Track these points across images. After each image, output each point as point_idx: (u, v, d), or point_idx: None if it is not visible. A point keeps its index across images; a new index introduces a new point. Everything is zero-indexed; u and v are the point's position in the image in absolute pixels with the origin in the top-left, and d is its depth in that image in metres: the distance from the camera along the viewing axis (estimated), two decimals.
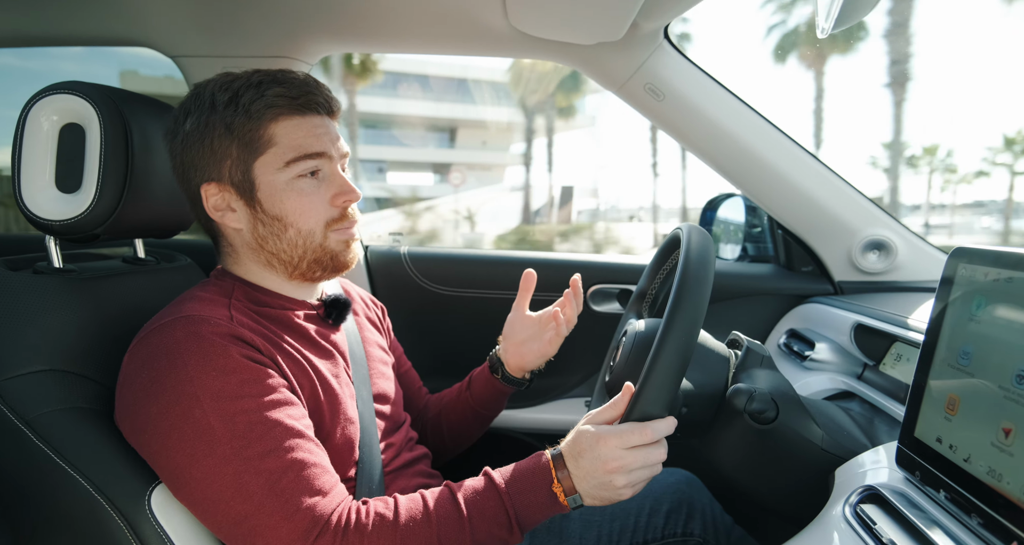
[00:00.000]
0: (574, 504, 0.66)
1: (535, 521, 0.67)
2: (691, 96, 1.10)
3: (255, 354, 0.67)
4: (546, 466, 0.67)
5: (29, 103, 0.77)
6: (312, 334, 0.79)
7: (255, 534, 0.60)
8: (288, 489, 0.61)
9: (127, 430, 0.67)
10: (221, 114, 0.71)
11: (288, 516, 0.60)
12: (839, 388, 0.99)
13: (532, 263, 1.39)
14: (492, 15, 1.03)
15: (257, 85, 0.72)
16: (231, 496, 0.60)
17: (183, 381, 0.62)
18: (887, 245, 1.15)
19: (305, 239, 0.74)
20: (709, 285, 0.67)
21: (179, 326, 0.66)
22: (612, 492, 0.66)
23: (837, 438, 0.73)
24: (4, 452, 0.68)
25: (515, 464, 0.70)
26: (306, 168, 0.73)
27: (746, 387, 0.71)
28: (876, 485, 0.60)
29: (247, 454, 0.61)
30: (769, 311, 1.28)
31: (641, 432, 0.65)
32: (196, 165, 0.73)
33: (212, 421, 0.61)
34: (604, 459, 0.65)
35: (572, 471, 0.66)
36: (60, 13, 1.10)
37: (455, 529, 0.64)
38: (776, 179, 1.14)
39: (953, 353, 0.55)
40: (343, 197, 0.75)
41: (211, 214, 0.75)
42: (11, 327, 0.72)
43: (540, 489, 0.66)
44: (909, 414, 0.59)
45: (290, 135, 0.72)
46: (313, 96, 0.73)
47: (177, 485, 0.63)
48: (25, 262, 0.81)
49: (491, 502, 0.66)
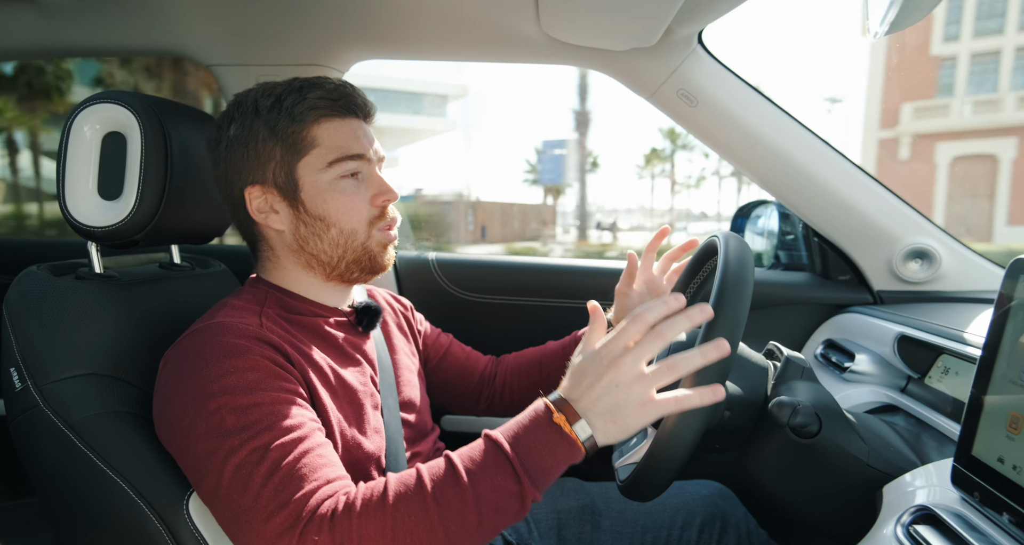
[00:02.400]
0: (584, 434, 0.57)
1: (544, 466, 0.57)
2: (725, 102, 1.08)
3: (278, 357, 0.68)
4: (542, 404, 0.60)
5: (73, 112, 0.79)
6: (341, 343, 0.79)
7: (249, 528, 0.57)
8: (286, 479, 0.58)
9: (159, 432, 0.68)
10: (265, 118, 0.73)
11: (282, 505, 0.57)
12: (882, 401, 0.96)
13: (561, 270, 1.39)
14: (524, 22, 1.03)
15: (299, 90, 0.74)
16: (237, 488, 0.58)
17: (203, 380, 0.63)
18: (930, 254, 1.11)
19: (347, 238, 0.75)
20: (750, 291, 0.66)
21: (208, 331, 0.67)
22: (625, 403, 0.56)
23: (884, 454, 0.70)
24: (49, 454, 0.69)
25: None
26: (347, 169, 0.74)
27: (789, 400, 0.69)
28: (930, 505, 0.57)
29: (253, 445, 0.60)
30: (804, 321, 1.24)
31: (635, 322, 0.57)
32: (240, 169, 0.75)
33: (224, 415, 0.61)
34: (602, 362, 0.57)
35: (572, 397, 0.58)
36: (102, 24, 1.14)
37: (451, 486, 0.56)
38: (813, 186, 1.11)
39: (1015, 369, 0.53)
40: (383, 197, 0.76)
41: (255, 216, 0.76)
42: (55, 331, 0.73)
43: (540, 425, 0.58)
44: (965, 432, 0.57)
45: (332, 136, 0.74)
46: (352, 99, 0.75)
47: (198, 481, 0.63)
48: (67, 268, 0.83)
49: (489, 452, 0.58)
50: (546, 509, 0.98)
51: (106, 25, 1.14)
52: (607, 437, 0.58)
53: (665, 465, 0.63)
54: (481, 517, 0.56)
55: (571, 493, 1.00)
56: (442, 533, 0.55)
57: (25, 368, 0.71)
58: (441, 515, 0.56)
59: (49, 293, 0.76)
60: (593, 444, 0.58)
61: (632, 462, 0.78)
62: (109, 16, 1.12)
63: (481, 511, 0.56)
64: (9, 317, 0.75)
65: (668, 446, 0.62)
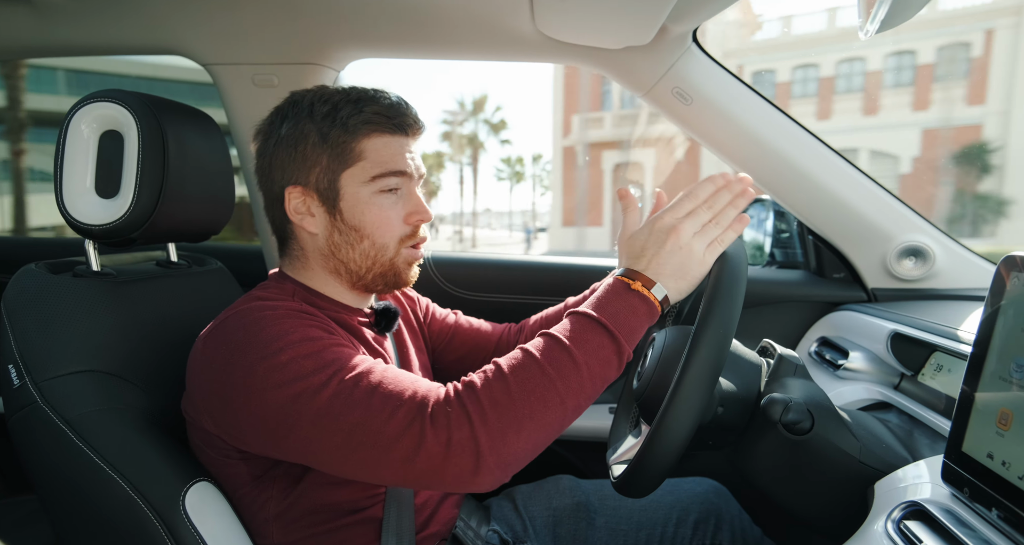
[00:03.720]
0: (660, 295, 0.66)
1: (631, 327, 0.65)
2: (719, 100, 1.09)
3: (326, 325, 0.70)
4: (617, 280, 0.68)
5: (71, 111, 0.79)
6: (368, 339, 0.81)
7: (373, 433, 0.59)
8: (390, 390, 0.61)
9: (214, 410, 0.67)
10: (318, 124, 0.74)
11: (399, 404, 0.60)
12: (875, 398, 0.96)
13: (556, 268, 1.39)
14: (519, 20, 1.03)
15: (356, 101, 0.75)
16: (340, 410, 0.60)
17: (265, 341, 0.64)
18: (924, 252, 1.11)
19: (378, 252, 0.77)
20: (743, 288, 0.66)
21: (253, 309, 0.68)
22: (688, 258, 0.66)
23: (876, 450, 0.71)
24: (47, 450, 0.69)
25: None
26: (388, 185, 0.75)
27: (781, 397, 0.69)
28: (920, 501, 0.58)
29: (341, 375, 0.62)
30: (799, 318, 1.25)
31: (688, 197, 0.68)
32: (285, 167, 0.76)
33: (301, 361, 0.62)
34: (667, 238, 0.67)
35: (641, 267, 0.67)
36: (97, 24, 1.13)
37: (558, 351, 0.62)
38: (807, 183, 1.11)
39: (1005, 365, 0.53)
40: (417, 216, 0.78)
41: (291, 216, 0.76)
42: (53, 328, 0.74)
43: (620, 295, 0.66)
44: (956, 428, 0.57)
45: (380, 152, 0.75)
46: (405, 118, 0.77)
47: (287, 431, 0.62)
48: (65, 265, 0.83)
49: (582, 321, 0.65)
50: (541, 507, 0.98)
51: (101, 24, 1.14)
52: (679, 293, 0.68)
53: (659, 461, 0.64)
54: (591, 372, 0.62)
55: (566, 491, 1.01)
56: (560, 389, 0.61)
57: (23, 365, 0.71)
58: (555, 374, 0.61)
59: (47, 290, 0.76)
60: (667, 301, 0.67)
61: (626, 460, 0.78)
62: (105, 15, 1.12)
63: (590, 367, 0.62)
64: (7, 314, 0.75)
65: (662, 442, 0.63)
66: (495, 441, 0.58)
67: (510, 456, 0.59)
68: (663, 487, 0.96)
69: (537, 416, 0.59)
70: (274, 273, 0.83)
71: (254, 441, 0.66)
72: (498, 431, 0.58)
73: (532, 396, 0.59)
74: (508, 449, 0.58)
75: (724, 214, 0.69)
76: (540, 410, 0.59)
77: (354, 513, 0.75)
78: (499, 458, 0.58)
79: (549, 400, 0.60)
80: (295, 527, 0.74)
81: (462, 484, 0.59)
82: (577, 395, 0.61)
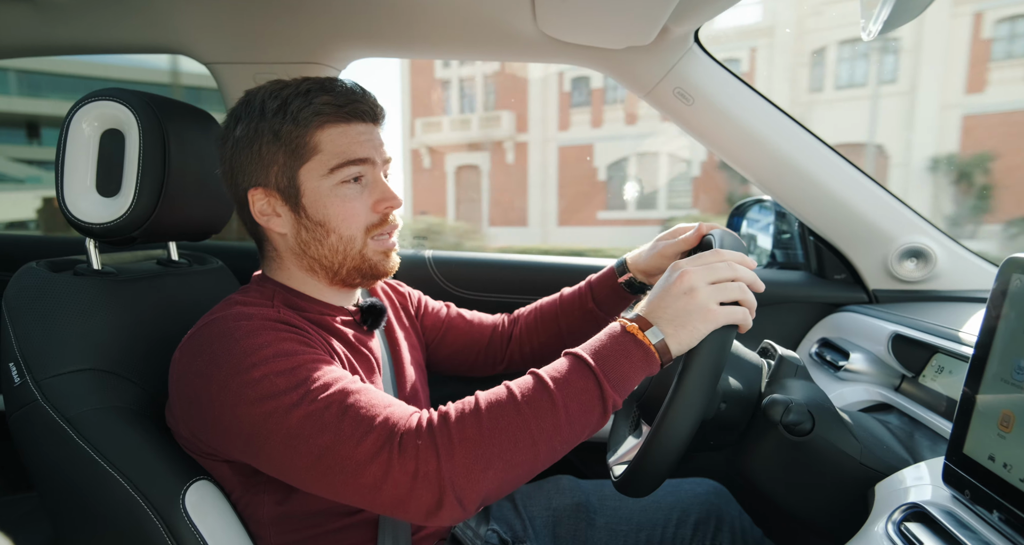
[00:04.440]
0: (655, 339, 0.62)
1: (622, 372, 0.61)
2: (721, 100, 1.09)
3: (303, 336, 0.69)
4: (616, 323, 0.65)
5: (72, 110, 0.79)
6: (351, 339, 0.80)
7: (342, 458, 0.58)
8: (362, 412, 0.60)
9: (191, 420, 0.67)
10: (270, 121, 0.72)
11: (368, 430, 0.58)
12: (875, 400, 0.96)
13: (557, 268, 1.39)
14: (521, 20, 1.03)
15: (305, 93, 0.73)
16: (310, 433, 0.59)
17: (239, 355, 0.63)
18: (926, 253, 1.11)
19: (346, 245, 0.75)
20: None
21: (230, 317, 0.68)
22: (693, 306, 0.62)
23: (876, 452, 0.71)
24: (47, 449, 0.69)
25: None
26: (349, 174, 0.73)
27: (782, 398, 0.69)
28: (921, 502, 0.58)
29: (313, 395, 0.60)
30: (799, 319, 1.25)
31: (715, 253, 0.65)
32: (244, 170, 0.75)
33: (273, 378, 0.61)
34: (675, 280, 0.64)
35: (644, 312, 0.64)
36: (100, 22, 1.14)
37: (538, 391, 0.60)
38: (809, 184, 1.11)
39: (1007, 367, 0.53)
40: (385, 203, 0.76)
41: (257, 219, 0.76)
42: (54, 327, 0.74)
43: (614, 337, 0.62)
44: (957, 430, 0.57)
45: (335, 142, 0.73)
46: (359, 104, 0.74)
47: (257, 448, 0.62)
48: (66, 264, 0.83)
49: (570, 363, 0.62)
50: (541, 507, 0.98)
51: (104, 23, 1.14)
52: (679, 343, 0.62)
53: (660, 460, 0.64)
54: (568, 416, 0.59)
55: (566, 491, 1.00)
56: (533, 430, 0.58)
57: (24, 363, 0.71)
58: (531, 414, 0.59)
59: (48, 289, 0.76)
60: (666, 349, 0.62)
61: (627, 461, 0.78)
62: (107, 14, 1.12)
63: (568, 412, 0.59)
64: (8, 313, 0.75)
65: (663, 441, 0.63)
66: (459, 478, 0.56)
67: (474, 493, 0.57)
68: (663, 488, 0.96)
69: (507, 455, 0.57)
70: (257, 275, 0.82)
71: (230, 452, 0.66)
72: (463, 468, 0.56)
73: (503, 434, 0.58)
74: (472, 487, 0.57)
75: (744, 273, 0.65)
76: (510, 449, 0.58)
77: (350, 515, 0.75)
78: (462, 495, 0.57)
79: (520, 440, 0.58)
80: (291, 529, 0.73)
81: (424, 517, 0.58)
82: (551, 438, 0.59)
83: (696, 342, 0.63)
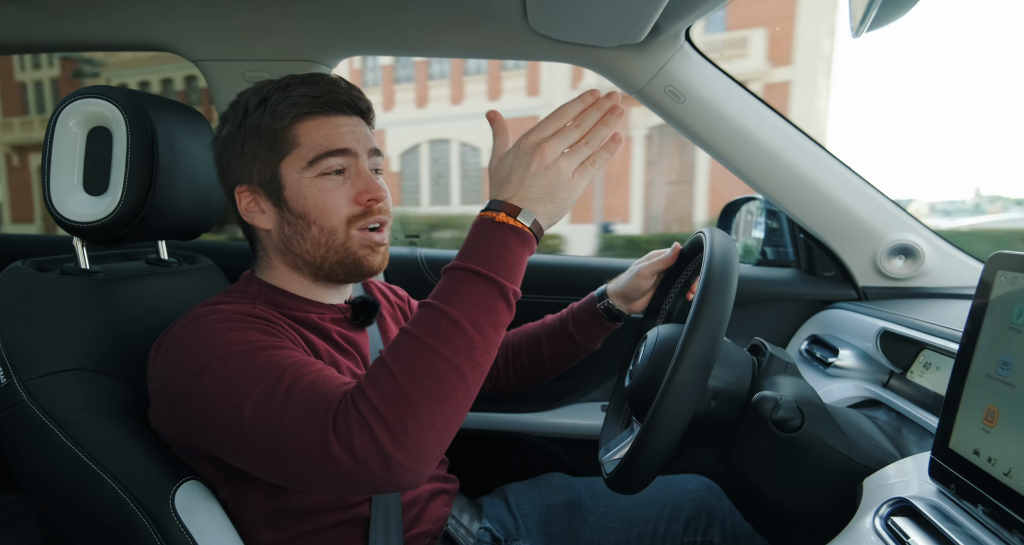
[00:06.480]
0: (528, 220, 0.60)
1: (507, 263, 0.59)
2: (712, 99, 1.09)
3: (276, 330, 0.68)
4: (479, 217, 0.62)
5: (58, 107, 0.79)
6: (335, 336, 0.79)
7: (288, 444, 0.57)
8: (303, 394, 0.58)
9: (168, 415, 0.67)
10: (252, 118, 0.73)
11: (308, 412, 0.57)
12: (864, 396, 0.97)
13: (551, 266, 1.39)
14: (512, 18, 1.03)
15: (284, 87, 0.73)
16: (260, 419, 0.58)
17: (206, 347, 0.63)
18: (914, 250, 1.12)
19: (328, 237, 0.74)
20: (734, 285, 0.67)
21: (205, 312, 0.67)
22: (556, 179, 0.60)
23: (864, 447, 0.71)
24: (34, 450, 0.69)
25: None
26: (329, 166, 0.73)
27: (771, 394, 0.70)
28: (908, 497, 0.58)
29: (265, 381, 0.59)
30: (790, 317, 1.26)
31: (555, 116, 0.62)
32: (232, 168, 0.75)
33: (231, 366, 0.61)
34: (533, 157, 0.61)
35: (507, 195, 0.61)
36: (88, 19, 1.12)
37: (435, 317, 0.57)
38: (798, 182, 1.12)
39: (992, 363, 0.54)
40: (368, 195, 0.74)
41: (244, 216, 0.76)
42: (40, 327, 0.73)
43: (485, 233, 0.60)
44: (943, 425, 0.58)
45: (313, 134, 0.73)
46: (337, 95, 0.74)
47: (222, 435, 0.61)
48: (53, 263, 0.82)
49: (452, 278, 0.59)
50: (533, 504, 0.98)
51: (92, 20, 1.13)
52: (549, 218, 0.62)
53: (652, 456, 0.64)
54: (477, 327, 0.57)
55: (558, 488, 1.01)
56: (448, 358, 0.56)
57: (10, 363, 0.71)
58: (438, 344, 0.56)
59: (34, 289, 0.75)
60: (539, 227, 0.62)
61: (618, 458, 0.79)
62: (94, 10, 1.11)
63: (475, 322, 0.57)
64: None
65: (654, 437, 0.63)
66: (397, 436, 0.54)
67: (420, 445, 0.55)
68: (655, 484, 0.97)
69: (434, 393, 0.55)
70: (245, 275, 0.82)
71: (201, 445, 0.66)
72: (397, 426, 0.54)
73: (421, 376, 0.55)
74: (413, 441, 0.54)
75: (595, 133, 0.63)
76: (434, 386, 0.55)
77: (339, 512, 0.75)
78: (408, 453, 0.54)
79: (441, 374, 0.55)
80: (281, 528, 0.73)
81: (381, 487, 0.57)
82: (469, 357, 0.57)
83: (564, 214, 0.63)
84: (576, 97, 0.65)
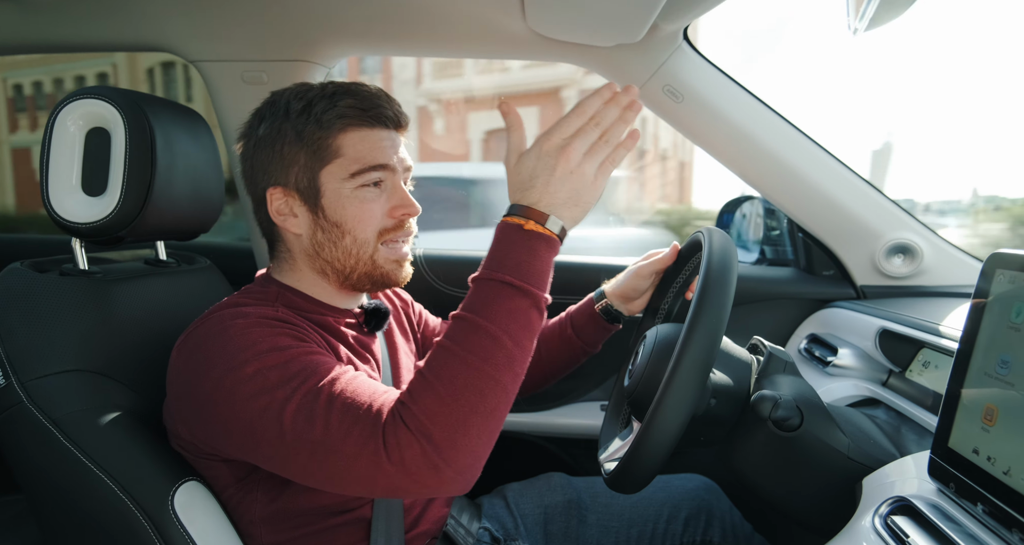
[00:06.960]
0: (556, 227, 0.62)
1: (536, 270, 0.61)
2: (710, 97, 1.09)
3: (300, 333, 0.69)
4: (506, 224, 0.63)
5: (56, 108, 0.78)
6: (351, 341, 0.80)
7: (333, 451, 0.58)
8: (347, 402, 0.59)
9: (192, 420, 0.67)
10: (294, 122, 0.72)
11: (355, 421, 0.58)
12: (863, 395, 0.97)
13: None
14: (510, 18, 1.03)
15: (331, 96, 0.73)
16: (303, 427, 0.59)
17: (234, 351, 0.63)
18: (913, 249, 1.12)
19: (359, 248, 0.75)
20: (733, 285, 0.67)
21: (225, 315, 0.67)
22: (580, 183, 0.62)
23: (864, 446, 0.71)
24: (33, 451, 0.69)
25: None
26: (370, 179, 0.74)
27: (770, 394, 0.70)
28: (907, 496, 0.58)
29: (304, 388, 0.60)
30: (789, 316, 1.26)
31: (575, 114, 0.62)
32: (265, 169, 0.75)
33: (266, 373, 0.61)
34: (558, 161, 0.61)
35: (533, 200, 0.62)
36: (85, 20, 1.12)
37: (471, 333, 0.59)
38: (797, 182, 1.12)
39: (991, 361, 0.54)
40: (403, 210, 0.76)
41: (274, 218, 0.76)
42: (38, 328, 0.73)
43: (516, 242, 0.61)
44: (942, 424, 0.58)
45: (357, 147, 0.73)
46: (383, 109, 0.74)
47: (255, 442, 0.61)
48: (51, 264, 0.82)
49: (483, 289, 0.61)
50: (532, 504, 0.98)
51: (89, 20, 1.12)
52: (574, 221, 0.64)
53: (651, 455, 0.64)
54: (514, 340, 0.59)
55: (557, 488, 1.01)
56: (489, 373, 0.58)
57: (9, 364, 0.71)
58: (478, 360, 0.58)
59: (33, 289, 0.75)
60: (564, 232, 0.63)
61: (618, 457, 0.79)
62: (92, 11, 1.10)
63: (512, 335, 0.59)
64: None
65: (654, 436, 0.63)
66: (446, 452, 0.56)
67: (468, 457, 0.57)
68: (654, 484, 0.97)
69: (479, 409, 0.57)
70: (260, 276, 0.81)
71: (228, 449, 0.66)
72: (445, 442, 0.56)
73: (467, 393, 0.57)
74: (461, 454, 0.56)
75: (613, 131, 0.64)
76: (479, 401, 0.57)
77: (342, 514, 0.75)
78: (457, 465, 0.57)
79: (484, 388, 0.57)
80: (283, 528, 0.73)
81: (431, 494, 0.59)
82: (509, 369, 0.59)
83: (586, 215, 0.64)
84: (594, 92, 0.65)
